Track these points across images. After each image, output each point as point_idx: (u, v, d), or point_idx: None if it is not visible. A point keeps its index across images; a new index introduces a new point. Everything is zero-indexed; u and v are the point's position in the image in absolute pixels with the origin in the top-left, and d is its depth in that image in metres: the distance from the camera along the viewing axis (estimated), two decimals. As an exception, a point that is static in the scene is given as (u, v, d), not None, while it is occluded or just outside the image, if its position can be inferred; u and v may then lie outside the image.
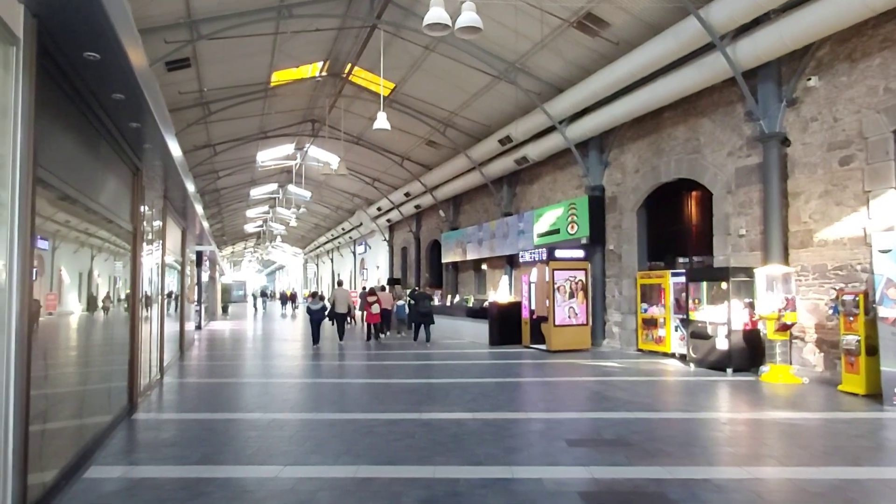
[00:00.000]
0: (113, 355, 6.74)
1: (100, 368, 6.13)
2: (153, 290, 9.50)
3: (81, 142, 5.16)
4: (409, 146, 22.04)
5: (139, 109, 5.50)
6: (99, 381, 6.08)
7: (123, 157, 6.79)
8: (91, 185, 5.46)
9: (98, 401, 5.96)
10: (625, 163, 13.86)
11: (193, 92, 15.27)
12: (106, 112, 5.50)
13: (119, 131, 6.13)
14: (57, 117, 4.48)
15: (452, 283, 24.18)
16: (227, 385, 9.45)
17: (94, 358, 5.96)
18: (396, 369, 11.04)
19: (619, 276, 13.97)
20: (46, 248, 6.79)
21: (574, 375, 9.98)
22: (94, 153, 5.58)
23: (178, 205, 11.77)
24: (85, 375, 5.60)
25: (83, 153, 5.25)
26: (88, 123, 5.28)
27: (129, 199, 7.36)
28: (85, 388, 5.54)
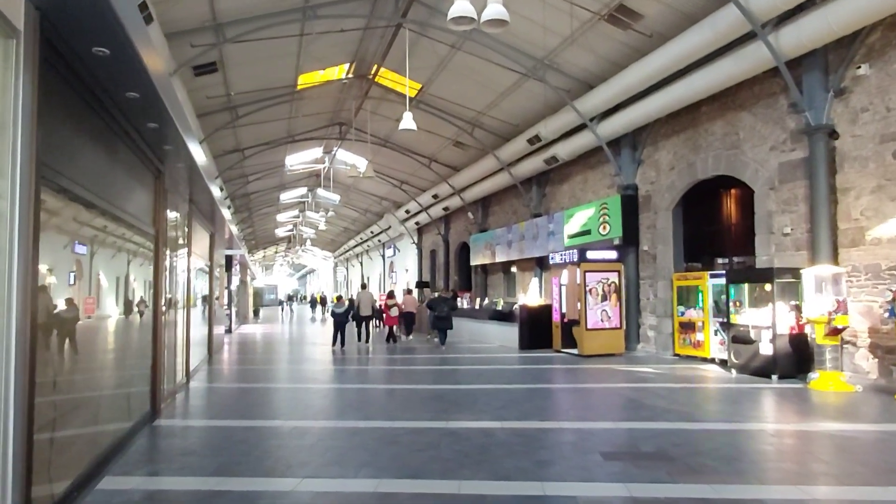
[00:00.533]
0: (135, 360, 6.63)
1: (120, 374, 6.01)
2: (179, 294, 9.44)
3: (96, 142, 5.04)
4: (436, 147, 21.82)
5: (155, 109, 5.36)
6: (119, 387, 5.96)
7: (143, 160, 6.69)
8: (107, 186, 5.34)
9: (117, 407, 5.84)
10: (659, 160, 13.35)
11: (221, 96, 15.32)
12: (122, 112, 5.38)
13: (138, 132, 6.02)
14: (67, 116, 4.34)
15: (481, 285, 23.85)
16: (251, 390, 9.32)
17: (114, 363, 5.85)
18: (423, 374, 10.78)
19: (653, 278, 13.46)
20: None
21: (607, 381, 9.56)
22: (110, 154, 5.46)
23: (204, 209, 11.75)
24: (104, 381, 5.47)
25: (98, 154, 5.12)
26: (104, 123, 5.15)
27: (151, 203, 7.27)
28: (103, 393, 5.41)
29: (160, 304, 7.39)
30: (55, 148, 4.03)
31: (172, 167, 7.54)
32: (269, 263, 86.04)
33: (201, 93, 14.68)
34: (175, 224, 9.01)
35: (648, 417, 6.79)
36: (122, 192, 5.90)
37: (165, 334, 8.08)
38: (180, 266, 9.50)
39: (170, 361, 8.52)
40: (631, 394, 8.31)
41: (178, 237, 9.25)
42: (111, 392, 5.67)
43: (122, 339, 6.13)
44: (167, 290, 8.13)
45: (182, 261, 9.66)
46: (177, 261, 9.07)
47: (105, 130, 5.23)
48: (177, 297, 9.27)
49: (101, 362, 5.42)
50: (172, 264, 8.68)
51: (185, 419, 7.11)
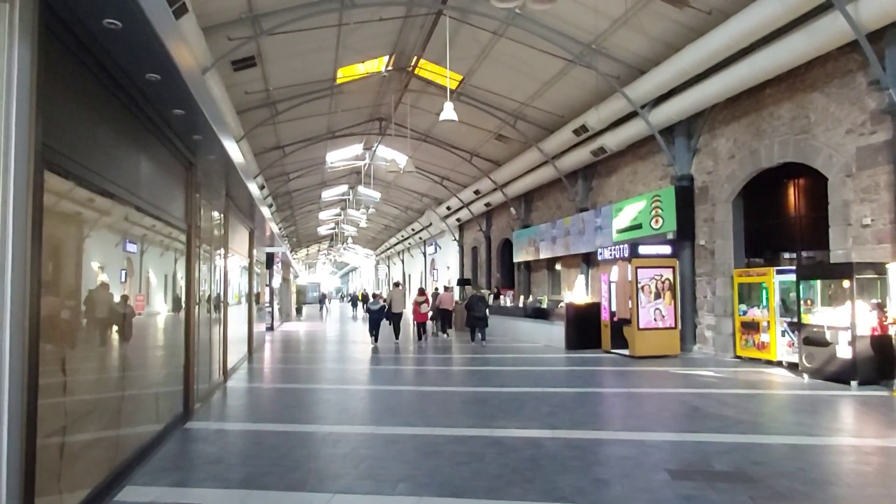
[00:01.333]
0: (166, 359, 6.35)
1: (148, 374, 5.73)
2: (215, 291, 9.20)
3: (115, 127, 4.72)
4: (477, 141, 21.26)
5: (179, 94, 5.01)
6: (147, 388, 5.67)
7: (172, 150, 6.40)
8: (129, 176, 5.02)
9: (144, 409, 5.55)
10: (717, 148, 12.45)
11: (260, 92, 15.17)
12: (144, 96, 5.05)
13: (163, 120, 5.70)
14: (79, 95, 4.01)
15: (525, 283, 23.19)
16: (287, 391, 9.01)
17: (142, 362, 5.56)
18: (465, 375, 10.28)
19: (711, 275, 12.57)
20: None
21: (665, 386, 8.84)
22: (133, 141, 5.15)
23: (242, 204, 11.53)
24: (129, 381, 5.17)
25: (118, 140, 4.80)
26: (123, 107, 4.83)
27: (183, 195, 6.99)
28: (128, 395, 5.11)
29: (193, 300, 7.12)
30: (63, 130, 3.69)
31: (204, 159, 7.25)
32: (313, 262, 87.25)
33: (240, 88, 14.55)
34: (210, 219, 8.77)
35: (717, 429, 6.09)
36: (148, 183, 5.60)
37: (199, 332, 7.83)
38: (216, 262, 9.26)
39: (205, 361, 8.28)
40: (693, 400, 7.59)
41: (213, 232, 9.01)
42: (137, 393, 5.37)
43: (151, 337, 5.84)
44: (201, 287, 7.87)
45: (218, 256, 9.42)
46: (212, 256, 8.82)
47: (126, 115, 4.91)
48: (213, 293, 9.04)
49: (127, 362, 5.12)
50: (207, 260, 8.43)
51: (218, 421, 6.80)
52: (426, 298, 17.58)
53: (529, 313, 16.85)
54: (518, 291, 22.48)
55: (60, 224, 3.82)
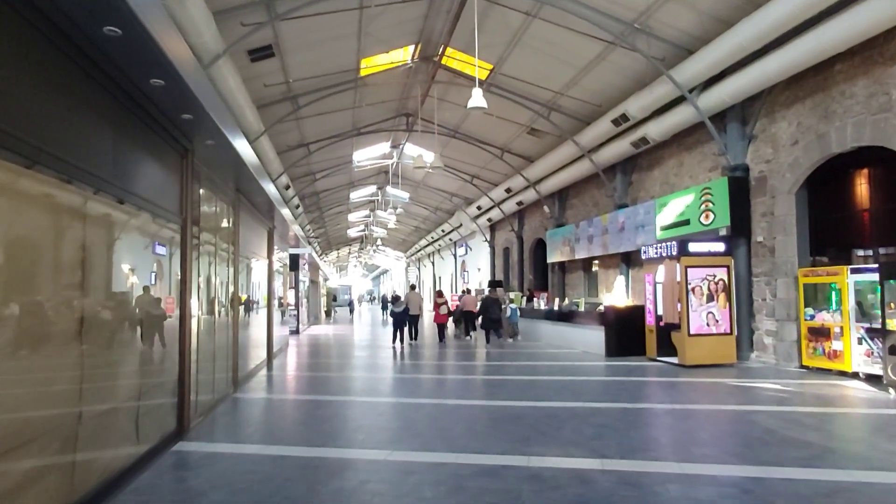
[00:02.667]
0: (150, 370, 5.56)
1: (123, 387, 4.93)
2: (222, 293, 8.44)
3: (73, 98, 3.92)
4: (508, 136, 20.24)
5: (150, 56, 4.18)
6: (122, 401, 4.87)
7: (160, 132, 5.61)
8: (97, 157, 4.23)
9: (117, 429, 4.74)
10: (777, 134, 11.19)
11: (279, 84, 14.47)
12: (110, 60, 4.23)
13: (142, 92, 4.90)
14: (20, 58, 3.20)
15: (559, 284, 22.03)
16: (300, 405, 8.17)
17: (115, 374, 4.76)
18: (495, 386, 9.29)
19: (771, 275, 11.30)
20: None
21: (726, 401, 7.69)
22: (102, 118, 4.36)
23: (257, 200, 10.79)
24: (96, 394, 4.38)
25: (80, 115, 4.01)
26: (80, 71, 4.02)
27: (177, 185, 6.21)
28: (92, 410, 4.31)
29: (188, 302, 6.32)
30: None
31: (202, 145, 6.46)
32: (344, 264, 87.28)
33: (259, 81, 13.87)
34: (215, 213, 8.01)
35: (805, 460, 4.98)
36: (127, 168, 4.81)
37: (201, 337, 7.05)
38: (223, 261, 8.50)
39: (207, 369, 7.50)
40: (765, 420, 6.46)
41: (219, 228, 8.25)
42: (106, 409, 4.56)
43: (128, 344, 5.04)
44: (201, 287, 7.10)
45: (224, 255, 8.66)
46: (217, 254, 8.05)
47: (85, 82, 4.10)
48: (219, 294, 8.28)
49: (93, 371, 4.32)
50: (210, 257, 7.66)
51: (213, 442, 5.98)
52: (445, 301, 17.79)
53: (565, 317, 15.75)
54: (552, 294, 21.33)
55: None
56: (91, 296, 4.24)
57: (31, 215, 3.54)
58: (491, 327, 15.85)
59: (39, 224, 3.64)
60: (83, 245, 4.11)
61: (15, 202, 3.36)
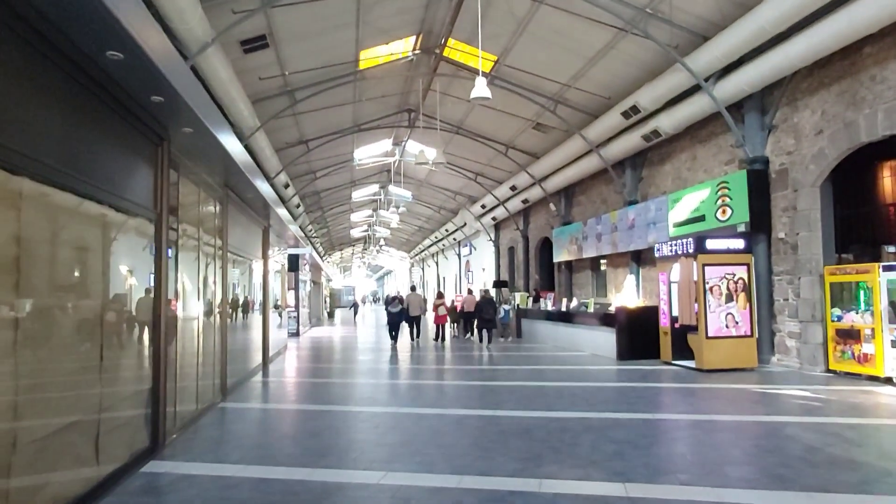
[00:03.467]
0: (119, 379, 4.99)
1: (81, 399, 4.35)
2: (208, 293, 7.87)
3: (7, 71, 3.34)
4: (513, 132, 19.62)
5: (99, 22, 3.58)
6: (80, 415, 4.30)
7: (128, 117, 5.03)
8: (41, 141, 3.65)
9: (74, 449, 4.16)
10: (800, 123, 10.54)
11: (275, 77, 13.89)
12: (56, 26, 3.65)
13: (101, 69, 4.31)
14: None
15: (566, 284, 21.39)
16: (291, 415, 7.58)
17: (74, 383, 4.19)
18: (502, 393, 8.68)
19: (793, 273, 10.65)
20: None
21: (755, 411, 7.06)
22: (50, 97, 3.78)
23: (249, 197, 10.19)
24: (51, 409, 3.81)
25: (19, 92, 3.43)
26: (23, 43, 3.44)
27: (150, 176, 5.64)
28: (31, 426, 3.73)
29: (163, 303, 5.74)
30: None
31: (179, 133, 5.87)
32: (347, 265, 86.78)
33: (253, 74, 13.30)
34: (198, 209, 7.43)
35: (860, 485, 4.35)
36: (83, 154, 4.23)
37: (179, 343, 6.48)
38: (209, 260, 7.92)
39: (190, 376, 6.93)
40: (802, 434, 5.83)
41: (204, 225, 7.67)
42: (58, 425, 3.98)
43: (85, 351, 4.46)
44: (180, 287, 6.52)
45: (211, 254, 8.09)
46: (202, 253, 7.48)
47: (24, 52, 3.52)
48: (205, 296, 7.70)
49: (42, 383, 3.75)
50: (193, 256, 7.09)
51: (190, 461, 5.38)
52: (444, 302, 18.28)
53: (573, 318, 15.12)
54: (559, 293, 20.69)
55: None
56: (33, 295, 3.66)
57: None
58: (485, 327, 16.36)
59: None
60: (18, 238, 3.53)
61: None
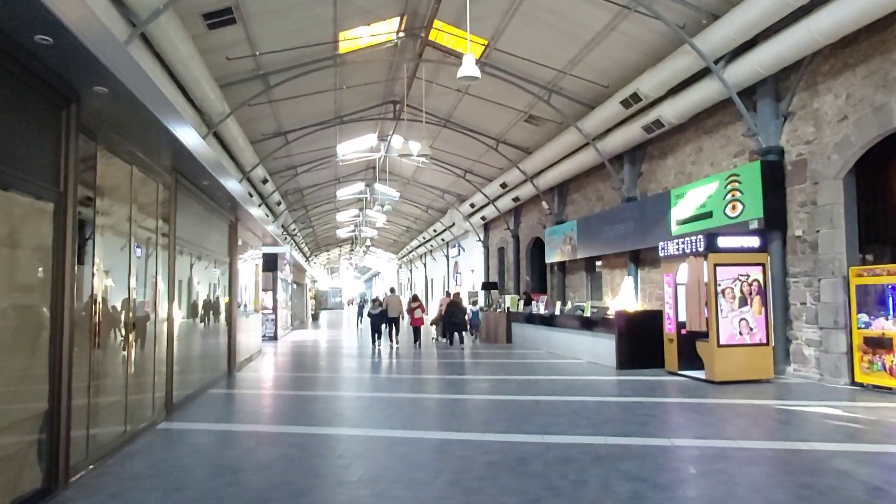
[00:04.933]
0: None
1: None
2: (144, 293, 6.71)
3: None
4: (504, 125, 18.56)
5: None
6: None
7: (11, 66, 3.89)
8: None
9: None
10: (821, 109, 9.56)
11: (245, 58, 12.72)
12: None
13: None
14: None
15: (559, 286, 20.35)
16: (242, 439, 6.43)
17: None
18: (492, 410, 7.56)
19: (812, 274, 9.66)
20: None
21: (787, 436, 6.00)
22: None
23: (205, 185, 8.97)
24: None
25: None
26: None
27: (51, 147, 4.49)
28: None
29: (66, 301, 4.58)
30: None
31: (90, 92, 4.71)
32: (335, 266, 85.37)
33: (220, 53, 12.14)
34: (131, 194, 6.26)
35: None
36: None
37: (101, 350, 5.32)
38: (146, 252, 6.76)
39: (115, 392, 5.76)
40: (855, 468, 4.77)
41: (141, 214, 6.51)
42: None
43: None
44: (99, 283, 5.36)
45: (153, 248, 6.92)
46: (134, 244, 6.31)
47: None
48: (141, 295, 6.54)
49: None
50: (116, 245, 5.92)
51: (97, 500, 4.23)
52: (420, 304, 18.20)
53: (568, 323, 14.06)
54: (552, 297, 19.64)
55: None
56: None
57: None
58: (454, 330, 17.24)
59: None
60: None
61: None
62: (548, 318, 15.36)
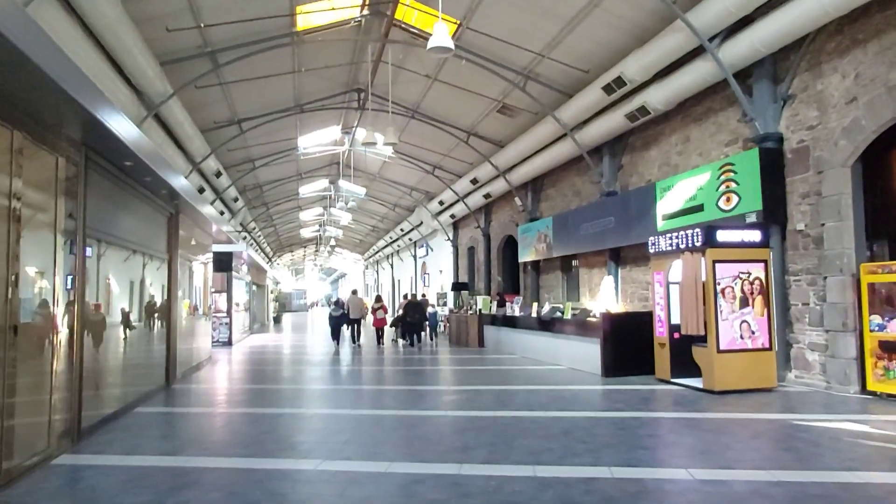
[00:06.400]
0: None
1: None
2: (30, 289, 5.36)
3: None
4: (476, 116, 17.47)
5: None
6: None
7: None
8: None
9: None
10: (825, 91, 8.74)
11: (188, 29, 11.31)
12: None
13: None
14: None
15: (532, 286, 19.37)
16: (154, 478, 5.12)
17: None
18: (466, 431, 6.41)
19: (816, 272, 8.83)
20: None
21: (823, 463, 5.01)
22: None
23: (127, 164, 7.58)
24: None
25: None
26: None
27: None
28: None
29: None
30: None
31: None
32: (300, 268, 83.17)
33: (158, 23, 10.71)
34: (6, 161, 4.92)
35: None
36: None
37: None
38: (41, 245, 5.41)
39: None
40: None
41: (20, 187, 5.16)
42: None
43: None
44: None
45: (48, 237, 5.57)
46: (11, 228, 4.97)
47: None
48: (24, 295, 5.20)
49: None
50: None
51: None
52: (382, 305, 18.59)
53: (545, 325, 13.05)
54: (527, 299, 18.64)
55: None
56: None
57: None
58: (411, 330, 17.67)
59: None
60: None
61: None
62: (523, 320, 14.33)
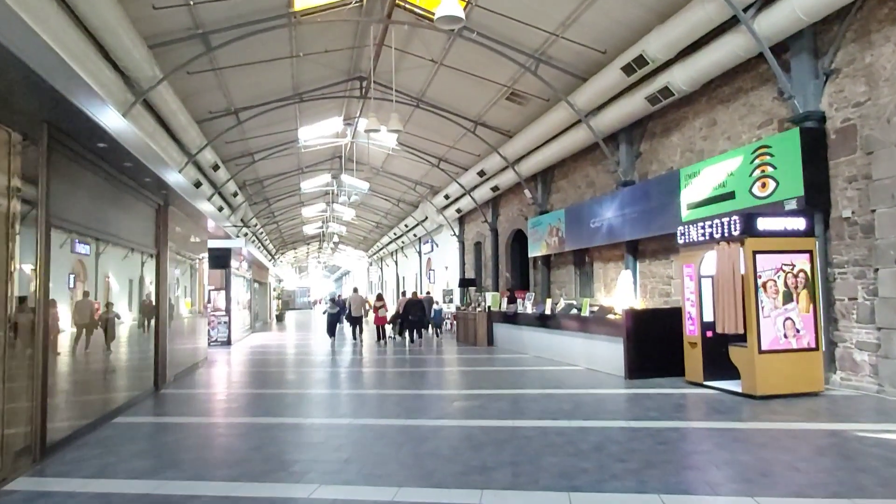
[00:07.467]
0: None
1: None
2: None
3: None
4: (484, 104, 16.65)
5: None
6: None
7: None
8: None
9: None
10: (876, 63, 7.89)
11: (177, 6, 10.54)
12: None
13: None
14: None
15: (543, 283, 18.56)
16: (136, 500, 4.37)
17: None
18: (483, 448, 5.62)
19: (866, 263, 8.01)
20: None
21: None
22: None
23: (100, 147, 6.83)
24: None
25: None
26: None
27: None
28: None
29: None
30: None
31: None
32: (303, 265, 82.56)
33: (143, 0, 9.96)
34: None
35: None
36: None
37: None
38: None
39: None
40: None
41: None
42: None
43: None
44: None
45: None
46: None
47: None
48: None
49: None
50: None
51: None
52: (384, 303, 18.74)
53: (561, 323, 12.26)
54: (536, 294, 17.84)
55: None
56: None
57: None
58: (412, 327, 17.81)
59: None
60: None
61: None
62: (536, 317, 13.54)
